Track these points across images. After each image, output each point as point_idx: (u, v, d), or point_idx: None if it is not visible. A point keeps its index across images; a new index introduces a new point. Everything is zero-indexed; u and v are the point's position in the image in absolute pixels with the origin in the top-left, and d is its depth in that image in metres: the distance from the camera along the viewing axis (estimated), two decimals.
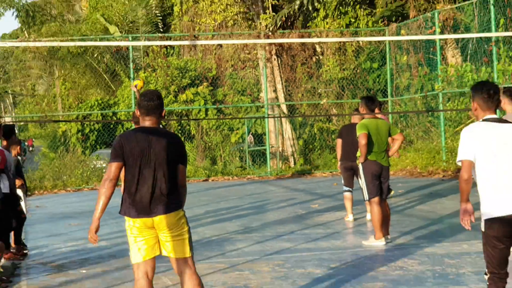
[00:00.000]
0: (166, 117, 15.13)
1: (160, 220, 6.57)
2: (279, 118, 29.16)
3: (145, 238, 6.68)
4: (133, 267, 6.83)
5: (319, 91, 30.14)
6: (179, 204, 6.72)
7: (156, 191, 6.60)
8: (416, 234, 12.88)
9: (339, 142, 14.81)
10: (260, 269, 10.54)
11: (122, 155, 6.59)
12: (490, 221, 6.16)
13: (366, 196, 12.24)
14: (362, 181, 12.30)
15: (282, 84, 30.26)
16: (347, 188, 14.73)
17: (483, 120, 6.33)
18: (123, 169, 6.71)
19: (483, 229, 6.23)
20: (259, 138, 29.92)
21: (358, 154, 12.32)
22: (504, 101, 8.43)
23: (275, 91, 30.00)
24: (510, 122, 6.41)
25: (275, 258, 11.32)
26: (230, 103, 30.77)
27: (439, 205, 16.66)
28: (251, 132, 29.90)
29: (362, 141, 11.99)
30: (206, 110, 30.08)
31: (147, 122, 6.74)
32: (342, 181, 15.00)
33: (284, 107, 30.04)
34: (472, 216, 6.23)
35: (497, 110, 6.62)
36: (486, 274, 6.42)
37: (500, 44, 22.36)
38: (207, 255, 11.63)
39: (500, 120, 6.36)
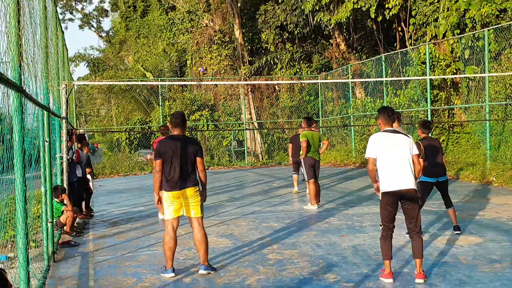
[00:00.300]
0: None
1: (183, 192, 6.91)
2: (252, 130, 29.20)
3: (174, 204, 6.96)
4: (165, 221, 7.14)
5: (277, 114, 30.19)
6: (195, 183, 7.04)
7: (181, 175, 6.88)
8: (336, 202, 12.99)
9: (290, 145, 14.95)
10: (240, 224, 10.63)
11: (161, 155, 6.93)
12: (384, 194, 6.44)
13: (306, 178, 12.41)
14: (303, 169, 12.47)
15: (254, 109, 30.23)
16: (294, 173, 14.90)
17: (384, 131, 6.57)
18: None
19: (380, 198, 6.47)
20: (240, 143, 29.84)
21: (301, 152, 12.46)
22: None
23: (250, 114, 29.95)
24: (399, 133, 6.62)
25: (250, 216, 11.39)
26: (222, 121, 30.72)
27: (350, 183, 16.76)
28: (235, 139, 29.84)
29: (304, 144, 12.21)
30: (207, 125, 30.02)
31: (175, 132, 7.15)
32: (292, 169, 15.11)
33: (255, 124, 30.04)
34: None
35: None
36: (380, 225, 6.57)
37: (388, 85, 22.55)
38: (207, 215, 11.59)
39: (393, 131, 6.60)
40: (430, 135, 9.26)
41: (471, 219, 10.03)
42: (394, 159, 6.43)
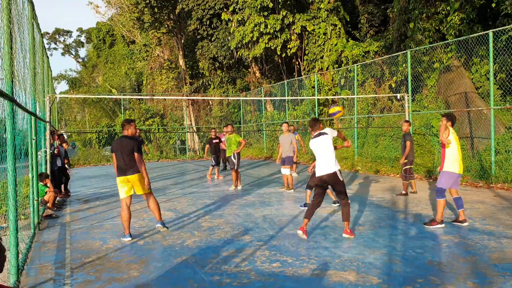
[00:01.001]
0: (140, 131, 14.80)
1: (129, 177, 6.84)
2: (192, 133, 28.90)
3: (125, 186, 6.84)
4: (121, 200, 6.81)
5: (210, 121, 30.02)
6: (137, 170, 6.85)
7: (126, 165, 6.84)
8: (251, 184, 12.99)
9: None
10: (181, 201, 10.46)
11: (113, 150, 6.92)
12: (318, 176, 6.55)
13: (236, 167, 12.07)
14: (236, 160, 12.13)
15: (193, 117, 29.96)
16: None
17: (313, 137, 6.72)
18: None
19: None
20: (183, 142, 29.47)
21: (235, 148, 12.20)
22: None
23: (190, 121, 29.65)
24: (322, 134, 6.63)
25: (189, 195, 11.23)
26: (169, 126, 30.24)
27: (262, 171, 16.84)
28: (179, 139, 29.42)
29: (243, 142, 12.07)
30: (158, 129, 29.48)
31: (124, 133, 7.00)
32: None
33: (194, 128, 29.76)
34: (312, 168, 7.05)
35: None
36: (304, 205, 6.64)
37: (289, 102, 22.92)
38: (156, 194, 11.42)
39: (318, 134, 6.68)
40: None
41: None
42: (320, 154, 6.55)
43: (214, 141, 15.27)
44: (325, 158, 6.52)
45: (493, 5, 14.04)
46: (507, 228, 6.75)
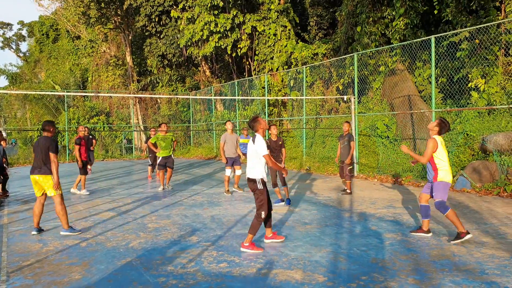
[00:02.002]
0: (88, 129, 14.23)
1: (35, 176, 7.06)
2: (139, 132, 28.32)
3: (35, 186, 7.17)
4: None
5: (159, 120, 29.54)
6: (45, 172, 6.99)
7: (36, 164, 7.04)
8: (200, 184, 12.89)
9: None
10: (127, 201, 10.18)
11: (34, 150, 7.14)
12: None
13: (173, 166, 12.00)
14: (173, 160, 11.98)
15: (141, 116, 29.38)
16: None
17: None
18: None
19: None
20: (129, 141, 28.83)
21: (172, 149, 12.00)
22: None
23: (137, 119, 29.06)
24: (254, 139, 6.07)
25: (135, 196, 10.96)
26: (115, 124, 29.48)
27: (211, 171, 16.77)
28: (126, 138, 28.75)
29: (175, 141, 11.91)
30: (104, 127, 28.66)
31: (44, 134, 7.18)
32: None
33: (141, 127, 29.17)
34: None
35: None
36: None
37: (239, 102, 22.96)
38: (101, 195, 11.09)
39: (254, 137, 6.15)
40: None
41: (292, 195, 10.46)
42: (248, 156, 6.21)
43: None
44: (249, 162, 6.18)
45: (436, 12, 14.70)
46: (446, 226, 7.07)
